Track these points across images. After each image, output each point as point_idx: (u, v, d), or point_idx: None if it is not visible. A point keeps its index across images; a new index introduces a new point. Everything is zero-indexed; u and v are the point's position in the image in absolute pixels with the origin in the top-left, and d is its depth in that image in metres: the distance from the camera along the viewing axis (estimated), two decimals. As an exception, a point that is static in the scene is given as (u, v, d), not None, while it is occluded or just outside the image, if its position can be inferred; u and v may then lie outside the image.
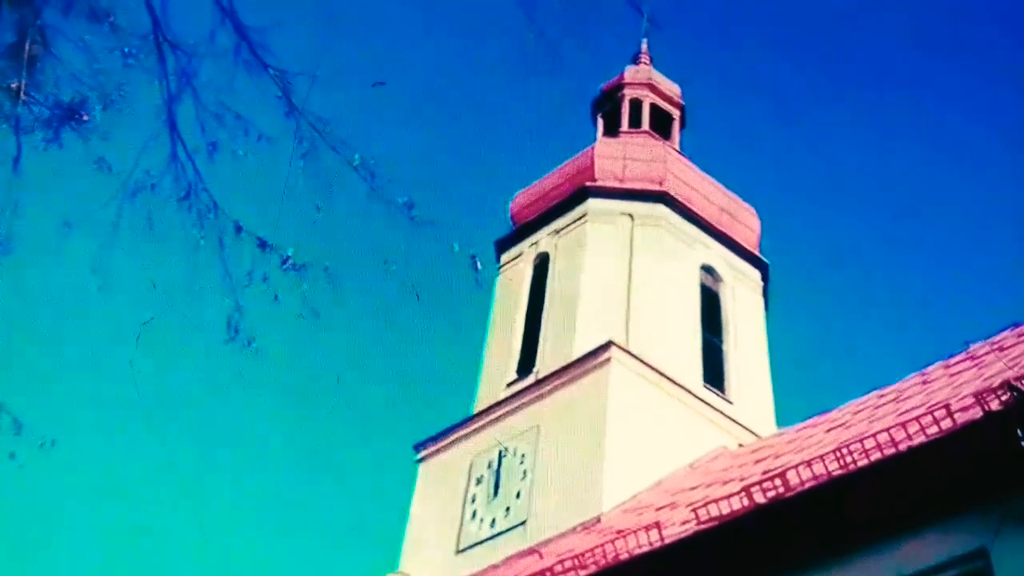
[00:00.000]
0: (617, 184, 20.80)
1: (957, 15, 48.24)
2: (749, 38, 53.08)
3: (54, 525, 39.87)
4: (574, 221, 20.51)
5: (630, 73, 25.08)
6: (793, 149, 49.88)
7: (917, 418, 9.00)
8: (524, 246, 21.29)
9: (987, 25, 47.93)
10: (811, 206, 49.63)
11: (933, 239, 48.20)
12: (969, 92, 48.57)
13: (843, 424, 11.95)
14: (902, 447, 8.79)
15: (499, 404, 18.32)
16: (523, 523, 16.09)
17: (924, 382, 11.82)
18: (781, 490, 9.48)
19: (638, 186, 20.69)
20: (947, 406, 8.78)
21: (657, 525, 10.53)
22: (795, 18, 50.38)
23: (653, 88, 24.67)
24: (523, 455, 16.98)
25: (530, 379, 18.38)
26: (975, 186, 47.36)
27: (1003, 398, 8.17)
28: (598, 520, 14.80)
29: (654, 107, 24.33)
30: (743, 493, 9.77)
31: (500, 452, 17.32)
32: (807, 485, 9.33)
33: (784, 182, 49.10)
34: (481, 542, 16.50)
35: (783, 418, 18.68)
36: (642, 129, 23.67)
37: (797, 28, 51.52)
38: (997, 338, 11.70)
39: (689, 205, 20.72)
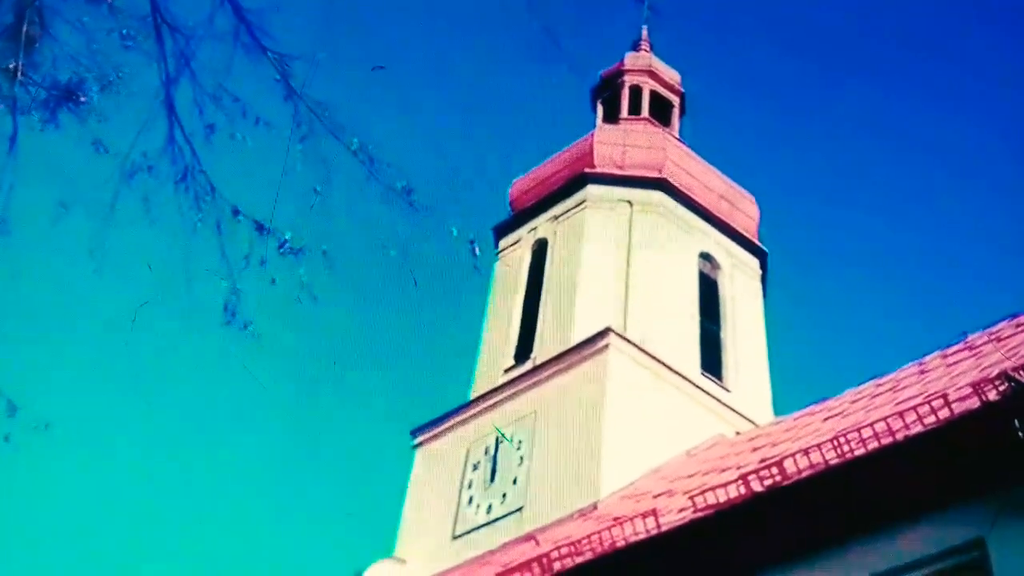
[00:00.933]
0: (616, 171, 20.77)
1: (957, 12, 48.17)
2: (749, 26, 52.97)
3: (48, 508, 39.94)
4: (573, 207, 20.48)
5: (630, 60, 25.03)
6: (792, 137, 49.90)
7: (915, 407, 9.00)
8: (523, 232, 21.26)
9: (987, 21, 47.86)
10: (810, 194, 49.66)
11: (932, 228, 48.24)
12: (969, 83, 48.52)
13: (840, 413, 11.95)
14: (899, 436, 8.79)
15: (496, 390, 18.31)
16: (520, 509, 16.11)
17: (922, 372, 11.81)
18: (778, 478, 9.48)
19: (637, 173, 20.66)
20: (945, 396, 8.77)
21: (654, 512, 10.53)
22: (795, 6, 50.29)
23: (653, 75, 24.62)
24: (520, 441, 16.98)
25: (528, 365, 18.37)
26: (974, 176, 47.38)
27: (1001, 388, 8.17)
28: (595, 507, 14.81)
29: (654, 94, 24.28)
30: (740, 481, 9.77)
31: (497, 438, 17.31)
32: (804, 474, 9.33)
33: (783, 170, 49.10)
34: (477, 528, 16.51)
35: (780, 406, 18.71)
36: (642, 116, 23.63)
37: (797, 16, 51.42)
38: (995, 328, 11.70)
39: (688, 192, 20.69)
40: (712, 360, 18.98)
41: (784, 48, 52.11)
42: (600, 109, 24.36)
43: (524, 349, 19.05)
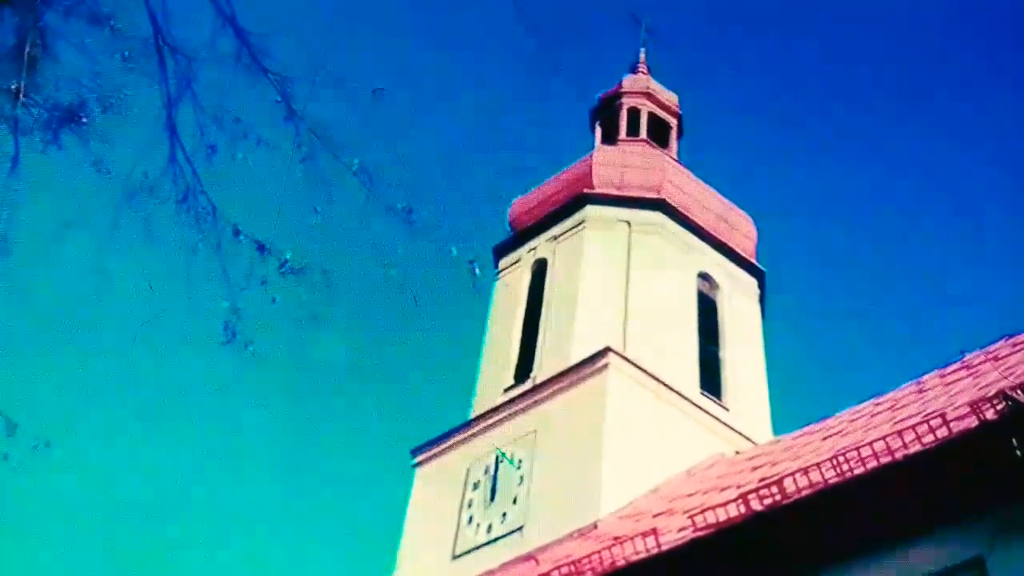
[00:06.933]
0: (615, 191, 20.83)
1: (953, 29, 48.40)
2: (746, 48, 53.22)
3: (48, 528, 39.82)
4: (572, 228, 20.53)
5: (628, 82, 25.17)
6: (790, 158, 50.04)
7: (913, 427, 9.01)
8: (522, 252, 21.30)
9: (983, 36, 48.08)
10: (808, 214, 49.78)
11: (929, 248, 48.31)
12: (965, 103, 48.69)
13: (839, 432, 11.95)
14: (898, 455, 8.80)
15: (496, 409, 18.30)
16: (520, 529, 16.07)
17: (920, 391, 11.83)
18: (778, 497, 9.48)
19: (636, 194, 20.73)
20: (943, 415, 8.79)
21: (654, 532, 10.53)
22: (791, 29, 50.53)
23: (651, 97, 24.75)
24: (520, 460, 16.96)
25: (527, 385, 18.37)
26: (971, 196, 47.49)
27: (998, 407, 8.19)
28: (595, 526, 14.78)
29: (652, 116, 24.40)
30: (740, 500, 9.77)
31: (497, 457, 17.29)
32: (804, 493, 9.33)
33: (781, 190, 49.24)
34: (477, 548, 16.46)
35: (780, 426, 18.70)
36: (640, 137, 23.73)
37: (793, 39, 51.66)
38: (992, 348, 11.72)
39: (686, 213, 20.75)
40: (711, 379, 18.98)
41: (781, 69, 52.33)
42: (599, 131, 24.48)
43: (524, 368, 19.05)
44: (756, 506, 9.59)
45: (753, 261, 21.57)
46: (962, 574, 8.46)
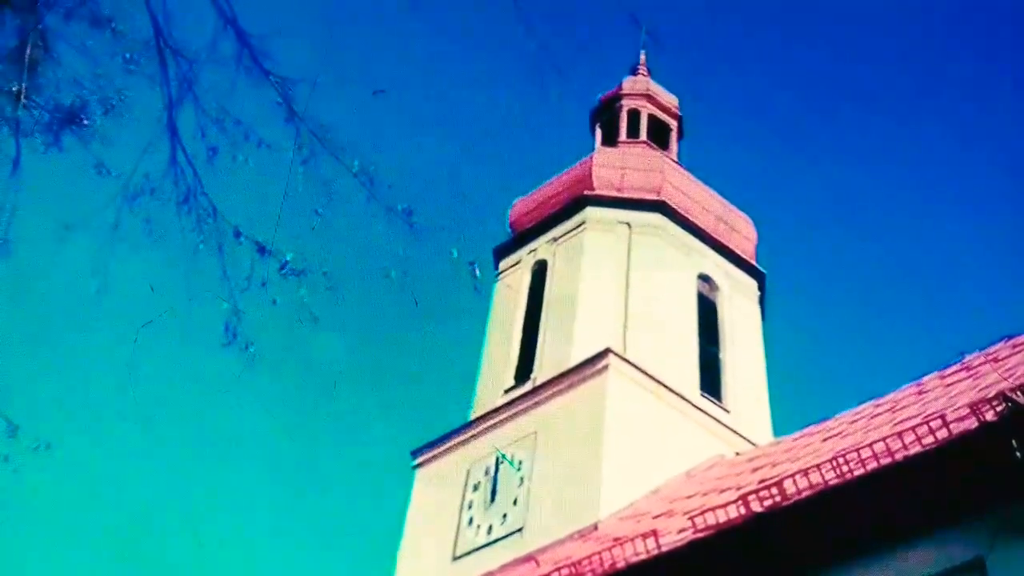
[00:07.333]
0: (615, 193, 20.84)
1: (954, 28, 48.45)
2: (746, 50, 53.25)
3: (48, 529, 39.81)
4: (572, 229, 20.54)
5: (628, 84, 25.18)
6: (790, 159, 50.04)
7: (913, 428, 9.03)
8: (522, 253, 21.32)
9: (985, 36, 48.11)
10: (808, 216, 49.77)
11: (930, 250, 48.33)
12: (967, 103, 48.71)
13: (839, 433, 11.97)
14: (898, 457, 8.81)
15: (496, 411, 18.30)
16: (520, 530, 16.07)
17: (919, 392, 11.85)
18: (778, 499, 9.50)
19: (636, 195, 20.74)
20: (943, 416, 8.81)
21: (654, 533, 10.54)
22: (791, 29, 50.55)
23: (651, 99, 24.77)
24: (520, 461, 16.96)
25: (528, 386, 18.37)
26: (971, 197, 47.51)
27: (998, 409, 8.21)
28: (595, 527, 14.79)
29: (652, 117, 24.42)
30: (740, 501, 9.78)
31: (497, 459, 17.29)
32: (803, 494, 9.35)
33: (781, 192, 49.25)
34: (478, 549, 16.47)
35: (779, 427, 18.72)
36: (640, 139, 23.75)
37: (794, 39, 51.68)
38: (992, 349, 11.74)
39: (686, 215, 20.76)
40: (711, 381, 18.98)
41: (781, 71, 52.35)
42: (599, 132, 24.50)
43: (524, 370, 19.06)
44: (756, 507, 9.61)
45: (753, 263, 21.58)
46: (962, 575, 8.48)
